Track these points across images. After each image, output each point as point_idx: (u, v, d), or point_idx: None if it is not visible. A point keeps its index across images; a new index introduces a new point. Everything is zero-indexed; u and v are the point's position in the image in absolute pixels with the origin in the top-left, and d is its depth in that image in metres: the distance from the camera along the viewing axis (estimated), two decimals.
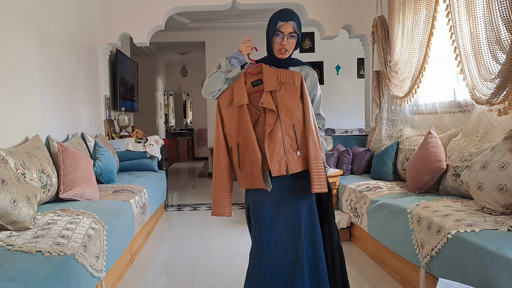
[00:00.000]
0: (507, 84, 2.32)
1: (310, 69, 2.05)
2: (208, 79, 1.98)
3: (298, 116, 1.87)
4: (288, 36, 1.92)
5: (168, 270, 3.10)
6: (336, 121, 7.92)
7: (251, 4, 5.02)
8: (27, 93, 3.15)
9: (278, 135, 1.84)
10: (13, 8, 2.97)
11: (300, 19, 1.98)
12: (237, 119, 1.91)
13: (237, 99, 1.90)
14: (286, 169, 1.84)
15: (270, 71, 1.90)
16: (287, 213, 1.93)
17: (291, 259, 1.91)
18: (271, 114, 1.86)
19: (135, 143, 4.69)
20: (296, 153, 1.85)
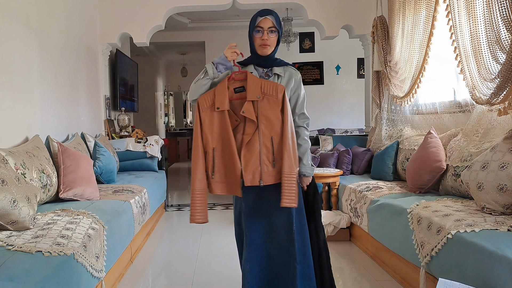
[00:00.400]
0: (507, 84, 2.32)
1: (294, 69, 2.05)
2: (194, 85, 1.97)
3: (277, 129, 1.87)
4: (268, 31, 1.94)
5: (168, 270, 3.10)
6: (336, 121, 7.93)
7: (251, 4, 5.02)
8: (27, 93, 3.15)
9: (256, 146, 1.85)
10: (13, 8, 2.97)
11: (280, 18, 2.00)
12: (217, 124, 1.89)
13: (218, 103, 1.87)
14: (260, 180, 1.85)
15: (255, 80, 1.90)
16: (280, 213, 1.93)
17: (286, 259, 1.92)
18: (250, 124, 1.86)
19: (135, 143, 4.69)
20: (271, 165, 1.86)
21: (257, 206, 1.96)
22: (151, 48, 9.11)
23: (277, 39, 1.99)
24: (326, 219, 3.55)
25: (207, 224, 4.56)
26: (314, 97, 7.99)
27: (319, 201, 2.14)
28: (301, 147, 2.02)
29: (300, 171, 2.03)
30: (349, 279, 2.87)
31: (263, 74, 2.01)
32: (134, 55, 8.22)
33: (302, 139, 2.02)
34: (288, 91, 1.99)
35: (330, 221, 3.54)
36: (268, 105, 1.87)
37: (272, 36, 1.95)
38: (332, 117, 8.02)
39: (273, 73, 2.00)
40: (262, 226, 1.95)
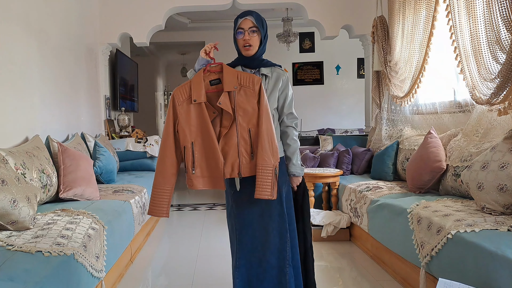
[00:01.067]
0: (507, 84, 2.32)
1: (281, 70, 2.04)
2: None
3: (254, 121, 1.85)
4: (248, 31, 1.93)
5: (168, 270, 3.10)
6: (336, 121, 7.93)
7: (251, 4, 5.02)
8: (27, 93, 3.15)
9: (233, 138, 1.84)
10: (13, 8, 2.97)
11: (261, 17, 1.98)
12: (195, 117, 1.86)
13: (195, 96, 1.85)
14: (239, 172, 1.85)
15: (231, 71, 1.88)
16: (273, 213, 1.93)
17: (279, 261, 1.91)
18: (227, 116, 1.85)
19: (135, 143, 4.69)
20: (249, 157, 1.85)
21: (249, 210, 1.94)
22: (151, 48, 9.11)
23: (261, 39, 1.97)
24: (326, 219, 3.55)
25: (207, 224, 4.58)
26: (314, 97, 8.00)
27: (308, 202, 2.14)
28: (290, 147, 2.01)
29: (290, 171, 2.03)
30: (349, 279, 2.87)
31: None
32: (134, 55, 8.22)
33: (291, 139, 2.01)
34: (276, 91, 1.99)
35: (330, 221, 3.54)
36: (245, 97, 1.85)
37: (254, 35, 1.94)
38: (332, 117, 8.02)
39: (260, 73, 1.99)
40: (254, 229, 1.94)
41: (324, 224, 3.54)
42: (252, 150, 1.85)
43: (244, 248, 1.94)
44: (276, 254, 1.92)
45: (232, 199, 1.99)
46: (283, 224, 1.93)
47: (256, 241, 1.93)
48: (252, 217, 1.94)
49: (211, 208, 5.07)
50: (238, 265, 1.93)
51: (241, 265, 1.93)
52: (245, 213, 1.95)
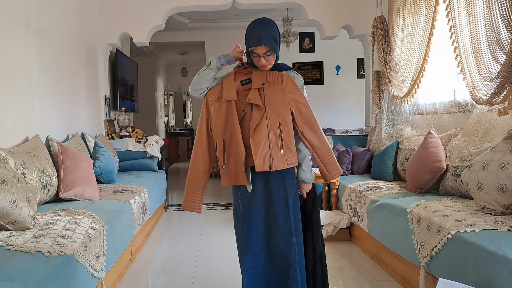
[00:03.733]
0: (507, 84, 2.32)
1: (296, 73, 2.05)
2: (197, 76, 2.00)
3: (284, 115, 1.90)
4: (264, 56, 1.93)
5: (168, 270, 3.10)
6: (336, 121, 7.93)
7: (251, 4, 5.02)
8: (27, 93, 3.15)
9: (264, 131, 1.86)
10: (13, 8, 2.97)
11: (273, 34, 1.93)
12: (225, 115, 1.93)
13: (225, 94, 1.93)
14: (270, 166, 1.86)
15: (259, 71, 1.96)
16: (279, 216, 1.92)
17: (284, 264, 1.91)
18: (257, 110, 1.88)
19: (135, 143, 4.69)
20: (280, 151, 1.87)
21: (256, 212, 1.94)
22: (151, 48, 9.11)
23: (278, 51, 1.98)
24: (326, 219, 3.55)
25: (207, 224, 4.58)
26: (314, 97, 7.97)
27: (318, 210, 2.10)
28: (301, 153, 2.00)
29: (299, 177, 2.02)
30: (349, 279, 2.87)
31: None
32: (134, 55, 8.22)
33: (302, 144, 2.00)
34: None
35: (330, 221, 3.54)
36: (274, 92, 1.91)
37: (270, 58, 1.95)
38: (332, 117, 8.01)
39: None
40: (260, 230, 1.94)
41: (324, 224, 3.54)
42: (283, 144, 1.88)
43: (250, 250, 1.94)
44: (280, 258, 1.91)
45: (239, 201, 1.98)
46: (288, 228, 1.92)
47: (262, 244, 1.93)
48: (259, 219, 1.94)
49: (211, 208, 5.07)
50: (246, 268, 1.93)
51: (248, 268, 1.93)
52: (252, 216, 1.94)
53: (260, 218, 1.94)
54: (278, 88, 1.91)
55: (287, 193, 1.94)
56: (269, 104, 1.88)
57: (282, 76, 1.93)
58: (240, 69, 2.00)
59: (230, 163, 1.91)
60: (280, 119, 1.88)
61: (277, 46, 1.96)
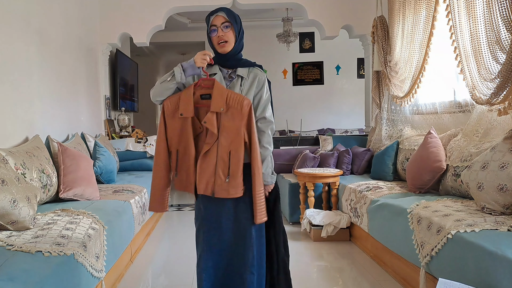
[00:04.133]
0: (507, 84, 2.32)
1: (260, 70, 1.98)
2: (159, 86, 1.88)
3: (236, 144, 1.83)
4: (221, 27, 1.89)
5: (168, 270, 3.09)
6: (336, 121, 7.93)
7: (251, 4, 5.02)
8: (27, 93, 3.15)
9: (213, 157, 1.84)
10: (13, 8, 2.97)
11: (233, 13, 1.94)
12: (180, 129, 1.89)
13: (182, 110, 1.85)
14: (212, 191, 1.85)
15: (221, 90, 1.84)
16: (238, 217, 1.91)
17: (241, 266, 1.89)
18: (211, 134, 1.84)
19: (135, 143, 4.69)
20: (225, 179, 1.84)
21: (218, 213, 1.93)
22: (151, 48, 9.11)
23: (236, 35, 1.92)
24: (326, 219, 3.55)
25: None
26: (314, 97, 8.00)
27: (279, 209, 2.06)
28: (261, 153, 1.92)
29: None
30: (349, 279, 2.87)
31: (226, 75, 1.95)
32: (134, 55, 8.22)
33: (261, 145, 1.92)
34: (252, 93, 1.93)
35: (330, 221, 3.54)
36: (231, 118, 1.82)
37: (227, 31, 1.90)
38: (332, 117, 8.02)
39: (236, 74, 1.94)
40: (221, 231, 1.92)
41: (324, 224, 3.54)
42: (229, 173, 1.84)
43: (211, 250, 1.93)
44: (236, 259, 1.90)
45: (201, 200, 1.96)
46: (248, 230, 1.90)
47: (223, 244, 1.92)
48: (220, 219, 1.92)
49: None
50: (205, 267, 1.92)
51: (208, 267, 1.92)
52: (213, 215, 1.93)
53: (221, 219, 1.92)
54: (236, 114, 1.82)
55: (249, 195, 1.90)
56: (223, 131, 1.83)
57: (242, 102, 1.82)
58: (201, 80, 1.88)
59: (181, 173, 1.92)
60: (231, 148, 1.83)
61: (237, 25, 1.92)
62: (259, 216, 1.87)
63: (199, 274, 1.94)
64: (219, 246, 1.93)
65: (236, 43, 1.93)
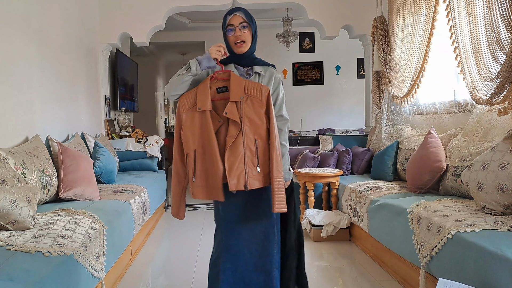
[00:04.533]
0: (507, 84, 2.32)
1: (274, 69, 2.00)
2: (175, 80, 1.87)
3: (261, 131, 1.81)
4: (239, 27, 1.89)
5: (168, 270, 3.10)
6: (336, 121, 7.93)
7: (251, 4, 5.02)
8: (27, 93, 3.15)
9: (240, 149, 1.78)
10: (13, 8, 2.97)
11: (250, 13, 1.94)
12: (198, 125, 1.81)
13: (200, 103, 1.80)
14: (245, 185, 1.78)
15: (238, 80, 1.82)
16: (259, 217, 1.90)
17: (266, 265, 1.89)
18: (234, 126, 1.79)
19: (135, 143, 4.69)
20: (255, 169, 1.80)
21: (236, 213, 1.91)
22: (151, 48, 9.11)
23: (252, 35, 1.93)
24: (326, 219, 3.55)
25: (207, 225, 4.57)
26: (314, 97, 8.00)
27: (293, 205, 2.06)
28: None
29: None
30: (349, 279, 2.87)
31: (243, 72, 1.96)
32: (134, 55, 8.22)
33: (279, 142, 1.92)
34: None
35: (330, 221, 3.54)
36: (252, 107, 1.80)
37: (245, 31, 1.90)
38: (332, 117, 8.02)
39: (253, 71, 1.95)
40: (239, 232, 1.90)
41: (324, 224, 3.54)
42: (258, 162, 1.79)
43: (229, 252, 1.90)
44: (263, 258, 1.89)
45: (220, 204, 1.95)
46: (270, 228, 1.90)
47: (242, 244, 1.90)
48: (239, 219, 1.90)
49: (211, 208, 5.07)
50: (223, 269, 1.90)
51: (226, 269, 1.90)
52: (232, 215, 1.91)
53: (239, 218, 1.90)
54: (256, 101, 1.81)
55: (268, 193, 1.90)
56: (245, 119, 1.79)
57: (261, 89, 1.81)
58: (217, 73, 1.86)
59: (201, 176, 1.82)
60: (257, 136, 1.80)
61: (253, 25, 1.93)
62: (277, 204, 1.79)
63: (215, 274, 1.94)
64: (237, 247, 1.90)
65: (253, 43, 1.94)
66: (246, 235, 1.90)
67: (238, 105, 1.80)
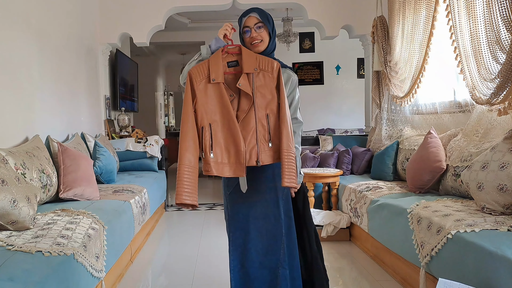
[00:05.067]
0: (507, 84, 2.32)
1: (291, 71, 1.99)
2: (188, 67, 1.88)
3: (272, 106, 1.78)
4: (255, 28, 1.89)
5: (168, 270, 3.10)
6: (336, 121, 7.93)
7: (251, 4, 5.01)
8: (27, 93, 3.15)
9: (252, 123, 1.75)
10: (13, 8, 2.97)
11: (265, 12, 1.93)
12: (214, 97, 1.76)
13: (214, 75, 1.75)
14: (257, 160, 1.75)
15: (250, 53, 1.80)
16: (268, 216, 1.90)
17: (273, 263, 1.89)
18: (245, 99, 1.77)
19: (135, 143, 4.69)
20: (267, 144, 1.76)
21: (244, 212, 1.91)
22: (151, 48, 9.11)
23: (269, 34, 1.92)
24: (326, 219, 3.55)
25: (207, 224, 4.57)
26: (314, 97, 8.00)
27: (309, 209, 2.06)
28: None
29: None
30: (349, 279, 2.87)
31: None
32: (134, 55, 8.22)
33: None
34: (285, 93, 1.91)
35: (330, 221, 3.54)
36: (264, 81, 1.78)
37: (261, 31, 1.90)
38: (332, 117, 8.02)
39: None
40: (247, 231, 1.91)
41: (324, 224, 3.54)
42: (270, 137, 1.77)
43: (237, 250, 1.92)
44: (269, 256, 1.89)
45: (228, 200, 1.97)
46: (278, 228, 1.90)
47: (249, 244, 1.91)
48: (247, 219, 1.91)
49: (211, 208, 5.07)
50: (232, 267, 1.92)
51: (235, 266, 1.92)
52: (240, 215, 1.92)
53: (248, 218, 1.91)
54: (267, 77, 1.78)
55: (278, 194, 1.91)
56: (258, 93, 1.76)
57: (273, 64, 1.80)
58: (227, 46, 1.83)
59: (220, 151, 1.75)
60: (268, 111, 1.77)
61: (270, 24, 1.91)
62: (287, 178, 1.71)
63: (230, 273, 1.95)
64: (245, 245, 1.91)
65: (270, 42, 1.93)
66: (253, 235, 1.91)
67: (250, 78, 1.77)
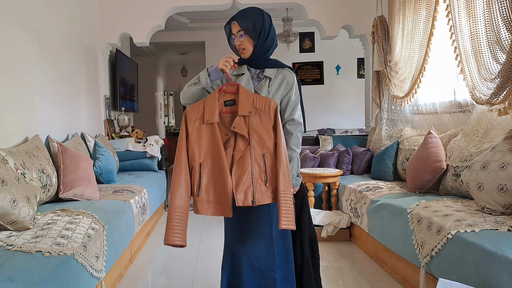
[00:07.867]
0: (507, 84, 2.32)
1: (289, 71, 1.95)
2: (187, 90, 1.90)
3: (269, 146, 1.77)
4: (238, 36, 1.87)
5: (168, 270, 3.09)
6: (336, 121, 7.93)
7: (251, 4, 5.01)
8: (27, 93, 3.15)
9: (247, 163, 1.75)
10: (13, 8, 2.97)
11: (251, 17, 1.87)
12: (206, 137, 1.77)
13: (208, 115, 1.77)
14: (253, 200, 1.74)
15: (246, 94, 1.80)
16: (258, 218, 1.90)
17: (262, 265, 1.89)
18: (241, 139, 1.77)
19: (135, 143, 4.69)
20: (264, 184, 1.76)
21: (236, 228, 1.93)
22: (151, 48, 9.11)
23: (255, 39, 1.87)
24: (326, 219, 3.55)
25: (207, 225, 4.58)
26: (314, 97, 8.00)
27: (306, 212, 2.04)
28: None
29: None
30: (349, 279, 2.87)
31: (254, 75, 1.94)
32: (134, 55, 8.22)
33: (289, 147, 1.90)
34: (279, 94, 1.90)
35: (330, 221, 3.54)
36: (260, 121, 1.78)
37: (242, 39, 1.87)
38: (332, 117, 8.02)
39: (263, 75, 1.92)
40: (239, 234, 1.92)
41: (324, 224, 3.54)
42: (267, 177, 1.76)
43: (228, 251, 1.95)
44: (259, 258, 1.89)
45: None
46: (268, 230, 1.90)
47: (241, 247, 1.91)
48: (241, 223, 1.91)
49: None
50: (223, 268, 1.95)
51: (225, 267, 1.94)
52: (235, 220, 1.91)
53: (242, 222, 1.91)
54: (264, 116, 1.78)
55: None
56: (254, 133, 1.76)
57: (269, 104, 1.79)
58: (225, 86, 1.83)
59: (207, 191, 1.76)
60: (265, 150, 1.76)
61: (255, 30, 1.86)
62: (284, 220, 1.72)
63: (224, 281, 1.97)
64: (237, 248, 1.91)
65: (255, 47, 1.89)
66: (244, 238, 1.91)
67: (246, 119, 1.77)
